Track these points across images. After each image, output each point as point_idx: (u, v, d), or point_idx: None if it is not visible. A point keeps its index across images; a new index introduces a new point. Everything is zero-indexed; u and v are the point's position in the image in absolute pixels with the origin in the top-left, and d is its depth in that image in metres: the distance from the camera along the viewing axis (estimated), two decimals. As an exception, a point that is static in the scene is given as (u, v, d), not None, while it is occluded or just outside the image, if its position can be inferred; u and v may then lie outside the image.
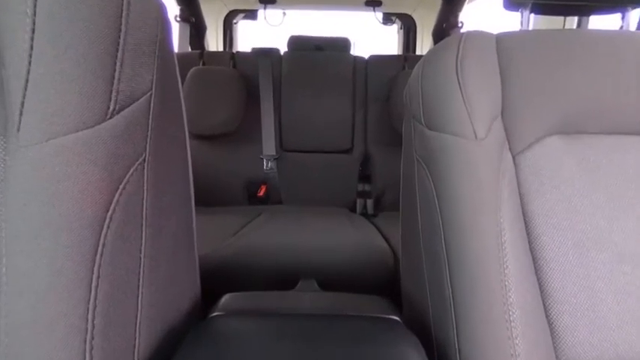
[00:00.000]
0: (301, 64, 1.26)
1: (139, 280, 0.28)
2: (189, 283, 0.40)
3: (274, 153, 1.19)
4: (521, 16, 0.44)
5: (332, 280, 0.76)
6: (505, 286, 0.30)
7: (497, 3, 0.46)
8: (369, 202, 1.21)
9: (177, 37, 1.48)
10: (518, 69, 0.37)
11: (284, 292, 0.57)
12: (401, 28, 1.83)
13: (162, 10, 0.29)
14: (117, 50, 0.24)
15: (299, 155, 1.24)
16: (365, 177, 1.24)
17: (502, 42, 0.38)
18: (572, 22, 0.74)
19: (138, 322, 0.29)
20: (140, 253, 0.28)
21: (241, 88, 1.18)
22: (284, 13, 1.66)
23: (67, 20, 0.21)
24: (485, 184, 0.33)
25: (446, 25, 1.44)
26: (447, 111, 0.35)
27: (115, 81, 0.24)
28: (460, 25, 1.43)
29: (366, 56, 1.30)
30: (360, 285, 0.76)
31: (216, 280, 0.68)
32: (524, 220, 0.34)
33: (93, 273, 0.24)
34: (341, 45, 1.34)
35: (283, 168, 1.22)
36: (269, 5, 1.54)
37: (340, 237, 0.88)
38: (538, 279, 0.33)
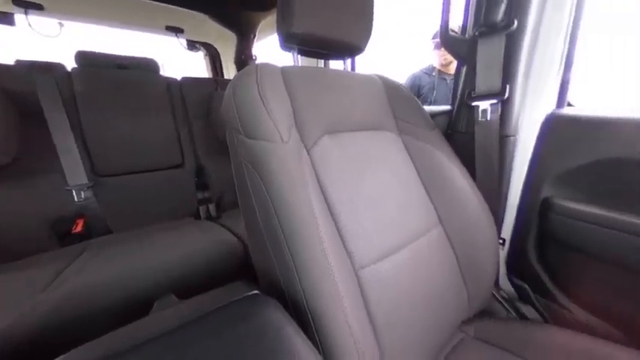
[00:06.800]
0: (102, 83, 1.02)
1: None
2: None
3: (86, 181, 0.92)
4: (293, 56, 0.52)
5: (192, 286, 0.68)
6: (319, 232, 0.36)
7: (277, 45, 0.52)
8: (211, 207, 1.17)
9: None
10: (299, 93, 0.44)
11: (138, 321, 0.49)
12: (206, 55, 1.76)
13: None
14: None
15: (123, 178, 1.02)
16: (202, 186, 1.18)
17: (285, 72, 0.45)
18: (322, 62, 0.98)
19: None
20: None
21: (6, 109, 0.81)
22: (61, 24, 1.20)
23: None
24: (295, 172, 0.38)
25: (244, 57, 1.51)
26: (259, 123, 0.38)
27: None
28: (254, 57, 1.54)
29: (179, 78, 1.24)
30: (220, 279, 0.73)
31: (36, 350, 0.51)
32: (321, 189, 0.42)
33: None
34: (148, 65, 1.17)
35: (104, 195, 0.97)
36: (32, 11, 1.09)
37: (190, 244, 0.82)
38: (334, 221, 0.42)
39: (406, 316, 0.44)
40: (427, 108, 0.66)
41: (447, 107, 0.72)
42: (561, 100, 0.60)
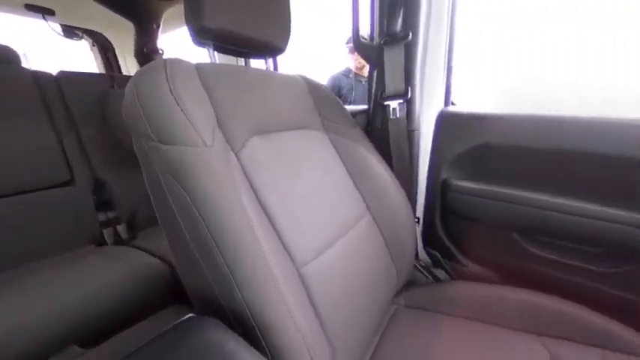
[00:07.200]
0: None
1: None
2: None
3: None
4: (209, 52, 0.48)
5: (105, 329, 0.59)
6: (257, 238, 0.35)
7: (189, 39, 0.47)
8: (121, 228, 1.00)
9: None
10: (220, 92, 0.42)
11: None
12: (94, 45, 1.45)
13: None
14: None
15: None
16: (105, 204, 0.99)
17: (201, 70, 0.42)
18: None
19: None
20: None
21: None
22: None
23: None
24: (223, 177, 0.35)
25: (147, 50, 1.31)
26: (175, 126, 0.34)
27: None
28: (161, 51, 1.35)
29: (54, 72, 0.99)
30: (144, 311, 0.66)
31: None
32: (254, 191, 0.41)
33: None
34: (1, 55, 0.89)
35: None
36: None
37: (93, 278, 0.70)
38: (272, 224, 0.41)
39: (347, 303, 0.47)
40: (348, 107, 0.72)
41: (365, 106, 0.79)
42: (447, 100, 0.75)
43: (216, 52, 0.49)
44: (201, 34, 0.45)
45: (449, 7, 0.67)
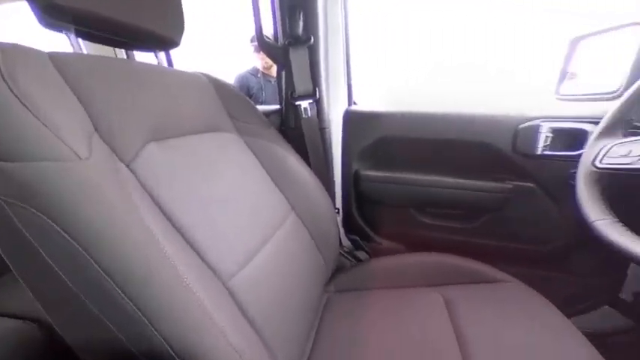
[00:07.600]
0: None
1: None
2: None
3: None
4: (70, 39, 0.39)
5: None
6: (169, 260, 0.30)
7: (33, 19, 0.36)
8: None
9: None
10: (95, 90, 0.34)
11: None
12: None
13: None
14: None
15: None
16: None
17: (60, 61, 0.33)
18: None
19: None
20: None
21: None
22: None
23: None
24: (111, 195, 0.29)
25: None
26: (26, 137, 0.26)
27: None
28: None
29: None
30: None
31: None
32: (160, 205, 0.36)
33: None
34: None
35: None
36: None
37: None
38: (186, 240, 0.37)
39: (282, 304, 0.46)
40: (260, 108, 0.71)
41: (278, 106, 0.80)
42: (350, 99, 0.83)
43: (82, 41, 0.40)
44: (52, 14, 0.35)
45: (342, 15, 0.74)
